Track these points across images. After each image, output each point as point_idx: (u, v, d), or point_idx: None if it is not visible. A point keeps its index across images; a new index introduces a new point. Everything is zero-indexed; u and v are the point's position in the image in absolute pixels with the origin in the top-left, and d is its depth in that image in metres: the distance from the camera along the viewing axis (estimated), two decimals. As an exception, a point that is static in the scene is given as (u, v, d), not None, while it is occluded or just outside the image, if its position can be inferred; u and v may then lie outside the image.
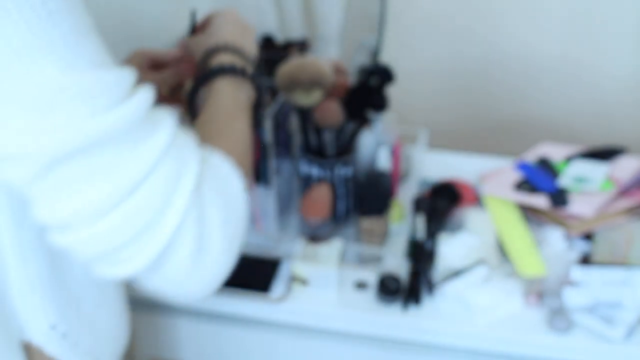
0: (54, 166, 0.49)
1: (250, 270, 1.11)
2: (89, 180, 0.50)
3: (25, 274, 0.61)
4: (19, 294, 0.61)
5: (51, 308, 0.63)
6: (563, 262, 1.07)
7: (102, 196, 0.51)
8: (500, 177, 1.21)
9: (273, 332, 1.08)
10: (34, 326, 0.63)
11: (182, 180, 0.54)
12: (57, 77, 0.48)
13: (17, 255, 0.60)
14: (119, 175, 0.51)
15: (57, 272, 0.64)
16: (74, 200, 0.51)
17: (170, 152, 0.54)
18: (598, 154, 1.22)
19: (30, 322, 0.63)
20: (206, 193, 0.57)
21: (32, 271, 0.61)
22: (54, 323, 0.64)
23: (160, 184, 0.53)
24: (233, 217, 0.61)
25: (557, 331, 0.99)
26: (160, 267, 0.55)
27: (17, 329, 0.63)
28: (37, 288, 0.62)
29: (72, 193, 0.51)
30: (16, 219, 0.58)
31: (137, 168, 0.51)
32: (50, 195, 0.51)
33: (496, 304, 1.02)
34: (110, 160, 0.51)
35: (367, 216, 1.11)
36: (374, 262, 1.12)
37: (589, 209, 1.09)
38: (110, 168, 0.51)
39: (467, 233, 1.11)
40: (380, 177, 1.14)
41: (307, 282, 1.05)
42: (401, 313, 1.03)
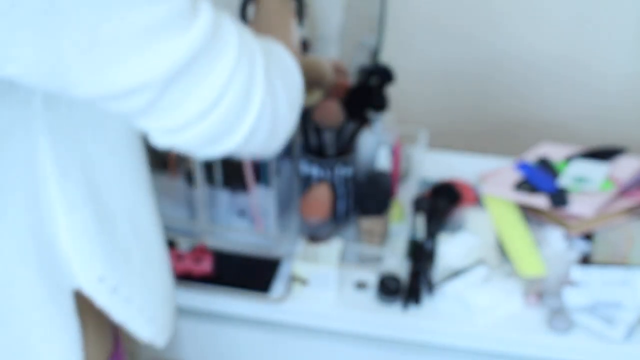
0: (165, 87, 0.55)
1: (250, 270, 1.11)
2: (193, 89, 0.57)
3: (72, 222, 0.64)
4: (67, 241, 0.64)
5: (98, 259, 0.66)
6: (563, 262, 1.07)
7: (205, 99, 0.57)
8: (500, 177, 1.21)
9: (273, 332, 1.08)
10: (83, 276, 0.66)
11: (256, 68, 0.61)
12: (149, 10, 0.52)
13: (65, 205, 0.63)
14: (215, 78, 0.57)
15: (103, 223, 0.67)
16: (184, 109, 0.57)
17: (242, 48, 0.60)
18: (598, 154, 1.22)
19: (79, 271, 0.66)
20: (272, 74, 0.65)
21: (79, 220, 0.64)
22: (102, 275, 0.67)
23: (244, 75, 0.60)
24: (293, 89, 0.69)
25: (557, 331, 0.99)
26: (249, 142, 0.63)
27: (67, 276, 0.65)
28: (83, 237, 0.65)
29: (182, 104, 0.57)
30: (62, 169, 0.62)
31: (226, 68, 0.58)
32: (162, 111, 0.57)
33: (496, 304, 1.02)
34: (205, 68, 0.57)
35: (367, 216, 1.11)
36: (373, 262, 1.12)
37: (589, 209, 1.09)
38: (207, 74, 0.57)
39: (467, 233, 1.11)
40: (380, 177, 1.14)
41: (307, 282, 1.05)
42: (401, 313, 1.03)
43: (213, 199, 1.15)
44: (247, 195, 1.13)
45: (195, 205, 1.15)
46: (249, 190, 1.12)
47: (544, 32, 1.63)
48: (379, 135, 1.18)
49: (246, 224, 1.16)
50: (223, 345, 1.13)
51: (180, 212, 1.17)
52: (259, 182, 1.11)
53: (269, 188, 1.10)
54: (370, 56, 1.19)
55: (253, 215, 1.14)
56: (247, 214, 1.15)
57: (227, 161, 1.11)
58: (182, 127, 0.59)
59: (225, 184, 1.13)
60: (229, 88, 0.59)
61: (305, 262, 1.04)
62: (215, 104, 0.58)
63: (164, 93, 0.55)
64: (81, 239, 0.65)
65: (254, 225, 1.15)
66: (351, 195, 1.17)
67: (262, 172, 1.10)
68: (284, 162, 1.16)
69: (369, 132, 1.17)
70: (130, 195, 0.71)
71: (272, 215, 1.13)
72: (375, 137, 1.18)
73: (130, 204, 0.71)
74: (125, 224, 0.70)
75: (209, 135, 0.60)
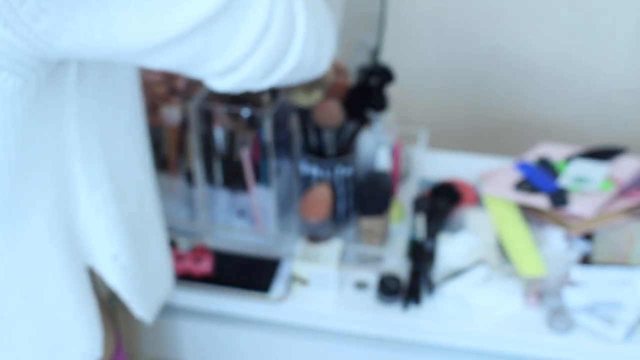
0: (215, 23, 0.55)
1: (250, 270, 1.11)
2: (238, 25, 0.57)
3: (93, 200, 0.65)
4: (87, 219, 0.66)
5: (114, 237, 0.68)
6: (563, 262, 1.07)
7: (251, 34, 0.58)
8: (500, 177, 1.21)
9: (273, 332, 1.08)
10: (99, 253, 0.67)
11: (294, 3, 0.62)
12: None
13: (86, 182, 0.64)
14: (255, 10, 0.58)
15: (119, 202, 0.68)
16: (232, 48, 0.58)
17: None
18: (598, 154, 1.22)
19: (96, 249, 0.67)
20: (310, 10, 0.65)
21: (99, 197, 0.66)
22: (116, 253, 0.68)
23: (284, 9, 0.60)
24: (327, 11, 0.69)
25: (557, 331, 0.99)
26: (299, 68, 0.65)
27: (84, 254, 0.67)
28: (102, 215, 0.66)
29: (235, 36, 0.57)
30: (85, 145, 0.63)
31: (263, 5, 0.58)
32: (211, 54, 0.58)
33: (496, 304, 1.02)
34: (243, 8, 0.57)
35: (367, 216, 1.11)
36: (374, 262, 1.12)
37: (589, 209, 1.08)
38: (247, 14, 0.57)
39: (467, 233, 1.11)
40: (380, 177, 1.14)
41: (307, 282, 1.04)
42: (401, 313, 1.03)
43: (213, 199, 1.15)
44: (247, 195, 1.13)
45: (195, 205, 1.15)
46: (249, 190, 1.12)
47: (545, 32, 1.63)
48: (379, 135, 1.17)
49: (246, 224, 1.15)
50: (223, 345, 1.13)
51: (180, 212, 1.17)
52: (259, 182, 1.11)
53: (269, 188, 1.10)
54: (371, 56, 1.19)
55: (253, 215, 1.14)
56: (247, 214, 1.14)
57: (227, 161, 1.11)
58: (238, 63, 0.59)
59: (225, 184, 1.13)
60: (272, 18, 0.59)
61: (305, 262, 1.04)
62: (265, 28, 0.59)
63: (214, 32, 0.56)
64: (100, 217, 0.66)
65: (254, 225, 1.15)
66: (351, 195, 1.17)
67: (262, 172, 1.10)
68: (284, 162, 1.16)
69: (369, 132, 1.17)
70: (140, 176, 0.73)
71: (272, 215, 1.12)
72: (375, 137, 1.17)
73: (138, 184, 0.72)
74: (134, 204, 0.71)
75: (266, 64, 0.61)
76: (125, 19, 0.51)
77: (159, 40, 0.54)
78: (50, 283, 0.63)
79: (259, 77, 0.62)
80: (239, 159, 1.10)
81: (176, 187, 1.16)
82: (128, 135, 0.70)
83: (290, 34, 0.61)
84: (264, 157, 1.08)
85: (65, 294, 0.65)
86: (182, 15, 0.53)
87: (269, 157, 1.08)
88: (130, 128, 0.70)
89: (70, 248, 0.65)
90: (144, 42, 0.53)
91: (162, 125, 1.11)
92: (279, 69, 0.63)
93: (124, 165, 0.70)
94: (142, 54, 0.55)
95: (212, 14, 0.54)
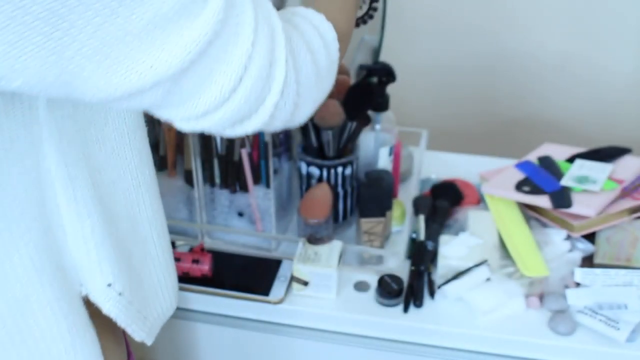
0: (180, 78, 0.52)
1: (249, 271, 1.10)
2: (210, 75, 0.54)
3: (81, 229, 0.63)
4: (77, 249, 0.63)
5: (107, 265, 0.65)
6: (565, 263, 1.06)
7: (223, 84, 0.55)
8: (502, 177, 1.20)
9: (272, 333, 1.07)
10: (92, 283, 0.65)
11: (277, 42, 0.58)
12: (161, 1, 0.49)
13: (73, 212, 0.62)
14: (231, 60, 0.54)
15: (110, 227, 0.65)
16: (202, 97, 0.55)
17: (259, 23, 0.56)
18: (601, 154, 1.21)
19: (89, 279, 0.65)
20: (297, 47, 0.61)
21: (88, 226, 0.63)
22: (110, 280, 0.65)
23: (265, 47, 0.56)
24: (322, 59, 0.65)
25: (559, 333, 0.98)
26: (275, 118, 0.61)
27: (76, 284, 0.64)
28: (93, 243, 0.64)
29: (199, 92, 0.54)
30: (68, 174, 0.60)
31: (244, 44, 0.55)
32: (180, 102, 0.55)
33: (498, 306, 1.01)
34: (220, 51, 0.53)
35: (368, 217, 1.10)
36: (374, 263, 1.11)
37: (592, 210, 1.08)
38: (222, 58, 0.54)
39: (468, 233, 1.10)
40: (381, 177, 1.13)
41: (307, 283, 1.04)
42: (402, 314, 1.02)
43: (212, 200, 1.14)
44: (247, 196, 1.12)
45: (195, 205, 1.14)
46: (249, 191, 1.11)
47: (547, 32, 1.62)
48: (379, 135, 1.17)
49: (245, 225, 1.15)
50: (223, 347, 1.12)
51: (180, 212, 1.17)
52: (258, 182, 1.10)
53: (269, 188, 1.10)
54: (372, 55, 1.18)
55: (252, 215, 1.13)
56: (247, 215, 1.14)
57: (226, 161, 1.10)
58: (203, 114, 0.57)
59: (225, 185, 1.12)
60: (248, 68, 0.56)
61: (305, 263, 1.03)
62: (234, 87, 0.56)
63: (179, 84, 0.53)
64: (91, 246, 0.64)
65: (254, 226, 1.14)
66: (351, 196, 1.16)
67: (262, 173, 1.09)
68: (284, 162, 1.16)
69: (369, 132, 1.16)
70: (132, 195, 0.70)
71: (272, 216, 1.12)
72: (375, 137, 1.17)
73: (129, 203, 0.69)
74: (125, 224, 0.69)
75: (233, 118, 0.58)
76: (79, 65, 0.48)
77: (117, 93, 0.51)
78: (40, 314, 0.61)
79: (225, 127, 0.59)
80: (239, 159, 1.09)
81: (176, 187, 1.15)
82: (118, 156, 0.67)
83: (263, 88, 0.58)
84: (263, 157, 1.08)
85: (58, 324, 0.62)
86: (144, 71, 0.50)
87: (268, 157, 1.07)
88: (120, 147, 0.67)
89: (61, 278, 0.62)
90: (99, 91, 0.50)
91: (160, 125, 1.10)
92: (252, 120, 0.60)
93: (115, 185, 0.67)
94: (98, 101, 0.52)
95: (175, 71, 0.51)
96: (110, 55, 0.49)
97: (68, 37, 0.46)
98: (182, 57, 0.51)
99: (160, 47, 0.50)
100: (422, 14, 1.66)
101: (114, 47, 0.48)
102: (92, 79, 0.49)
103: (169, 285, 0.77)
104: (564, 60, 1.64)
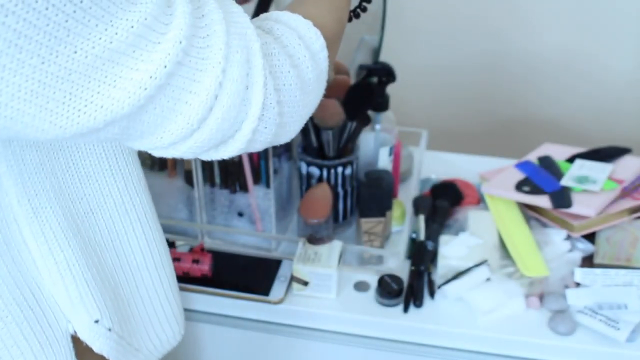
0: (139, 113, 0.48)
1: (249, 271, 1.10)
2: (175, 106, 0.49)
3: (55, 265, 0.58)
4: (52, 284, 0.59)
5: (90, 300, 0.61)
6: (565, 263, 1.06)
7: (193, 112, 0.50)
8: (502, 177, 1.20)
9: (272, 333, 1.07)
10: (77, 321, 0.61)
11: (253, 59, 0.53)
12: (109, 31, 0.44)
13: (42, 246, 0.58)
14: (201, 85, 0.50)
15: (90, 259, 0.61)
16: (168, 129, 0.50)
17: (231, 41, 0.51)
18: (601, 154, 1.21)
19: (72, 317, 0.61)
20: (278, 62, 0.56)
21: (62, 261, 0.59)
22: (97, 316, 0.61)
23: (238, 72, 0.52)
24: (308, 73, 0.59)
25: (559, 333, 0.98)
26: (254, 140, 0.56)
27: (62, 322, 0.60)
28: (71, 279, 0.60)
29: (165, 122, 0.50)
30: (33, 208, 0.56)
31: (213, 71, 0.50)
32: (143, 134, 0.50)
33: (498, 306, 1.01)
34: (186, 79, 0.49)
35: (368, 217, 1.10)
36: (374, 263, 1.11)
37: (592, 209, 1.07)
38: (190, 85, 0.49)
39: (468, 233, 1.10)
40: (381, 177, 1.13)
41: (307, 283, 1.04)
42: (402, 314, 1.02)
43: (212, 200, 1.14)
44: (247, 196, 1.12)
45: (195, 205, 1.14)
46: (249, 191, 1.11)
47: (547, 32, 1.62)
48: (379, 135, 1.17)
49: (245, 225, 1.15)
50: (222, 346, 1.12)
51: (180, 212, 1.17)
52: (258, 182, 1.10)
53: (269, 188, 1.09)
54: (372, 55, 1.18)
55: (252, 215, 1.13)
56: (247, 215, 1.14)
57: (226, 161, 1.10)
58: (170, 145, 0.52)
59: (225, 185, 1.12)
60: (219, 97, 0.51)
61: (305, 263, 1.03)
62: (203, 117, 0.51)
63: (138, 120, 0.48)
64: (69, 281, 0.59)
65: (254, 226, 1.14)
66: (351, 196, 1.16)
67: (262, 173, 1.09)
68: (284, 162, 1.16)
69: (369, 132, 1.16)
70: (117, 223, 0.65)
71: (272, 216, 1.12)
72: (375, 137, 1.17)
73: (114, 232, 0.65)
74: (111, 253, 0.64)
75: (205, 146, 0.54)
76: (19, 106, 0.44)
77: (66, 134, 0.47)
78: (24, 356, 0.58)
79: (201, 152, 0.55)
80: (238, 159, 1.09)
81: (175, 187, 1.15)
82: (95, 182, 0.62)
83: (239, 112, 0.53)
84: (263, 157, 1.08)
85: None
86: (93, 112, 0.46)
87: (268, 157, 1.07)
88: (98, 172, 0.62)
89: (42, 318, 0.59)
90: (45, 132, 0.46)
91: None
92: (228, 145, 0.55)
93: (95, 215, 0.62)
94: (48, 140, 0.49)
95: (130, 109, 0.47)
96: (53, 97, 0.44)
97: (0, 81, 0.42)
98: (137, 94, 0.46)
99: (112, 84, 0.45)
100: (422, 14, 1.66)
101: (56, 87, 0.44)
102: (35, 123, 0.45)
103: (168, 314, 0.72)
104: (564, 61, 1.64)
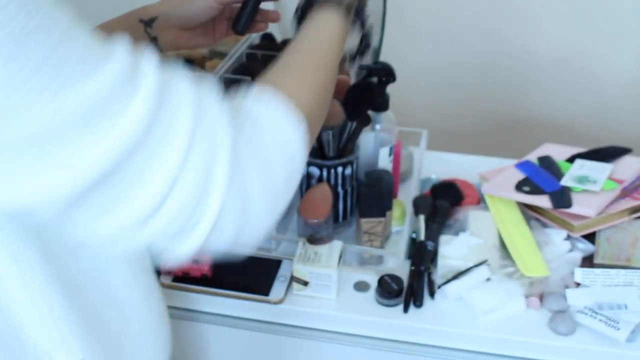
0: (82, 197, 0.45)
1: (249, 271, 1.10)
2: (125, 193, 0.46)
3: (36, 307, 0.57)
4: (34, 328, 0.57)
5: (74, 340, 0.59)
6: (566, 263, 1.06)
7: (142, 204, 0.46)
8: (502, 177, 1.20)
9: (272, 333, 1.07)
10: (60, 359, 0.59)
11: (218, 155, 0.49)
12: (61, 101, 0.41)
13: (22, 291, 0.56)
14: (154, 177, 0.46)
15: (73, 298, 0.59)
16: (114, 216, 0.47)
17: (197, 132, 0.48)
18: (601, 154, 1.21)
19: (56, 355, 0.59)
20: (244, 160, 0.51)
21: (43, 304, 0.57)
22: (81, 357, 0.60)
23: (198, 168, 0.48)
24: (276, 176, 0.54)
25: (559, 333, 0.98)
26: (209, 244, 0.52)
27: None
28: (50, 321, 0.58)
29: (110, 210, 0.46)
30: (14, 253, 0.54)
31: (169, 163, 0.46)
32: (88, 219, 0.47)
33: (498, 306, 1.01)
34: (140, 164, 0.45)
35: (368, 217, 1.10)
36: (374, 263, 1.11)
37: (592, 209, 1.07)
38: (142, 173, 0.45)
39: (468, 233, 1.10)
40: (381, 177, 1.13)
41: (307, 283, 1.04)
42: (402, 314, 1.02)
43: (212, 200, 1.14)
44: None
45: (194, 205, 1.14)
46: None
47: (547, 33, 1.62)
48: (379, 135, 1.17)
49: (245, 225, 1.14)
50: (222, 346, 1.12)
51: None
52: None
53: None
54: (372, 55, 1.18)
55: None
56: (247, 215, 1.13)
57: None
58: (115, 238, 0.49)
59: (224, 185, 1.12)
60: (174, 187, 0.47)
61: (305, 264, 1.03)
62: (155, 209, 0.47)
63: (81, 205, 0.45)
64: (51, 325, 0.58)
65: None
66: (351, 196, 1.16)
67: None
68: (284, 162, 1.15)
69: (369, 132, 1.16)
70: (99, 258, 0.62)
71: (272, 216, 1.11)
72: (375, 137, 1.17)
73: (99, 271, 0.62)
74: (95, 291, 0.62)
75: (160, 237, 0.50)
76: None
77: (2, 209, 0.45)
78: None
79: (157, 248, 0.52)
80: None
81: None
82: None
83: (194, 210, 0.49)
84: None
85: None
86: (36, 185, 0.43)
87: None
88: None
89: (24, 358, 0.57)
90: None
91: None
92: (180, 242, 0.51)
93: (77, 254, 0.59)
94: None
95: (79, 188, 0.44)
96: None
97: None
98: (82, 178, 0.43)
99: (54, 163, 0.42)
100: (422, 14, 1.66)
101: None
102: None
103: (158, 348, 0.71)
104: (563, 61, 1.64)
